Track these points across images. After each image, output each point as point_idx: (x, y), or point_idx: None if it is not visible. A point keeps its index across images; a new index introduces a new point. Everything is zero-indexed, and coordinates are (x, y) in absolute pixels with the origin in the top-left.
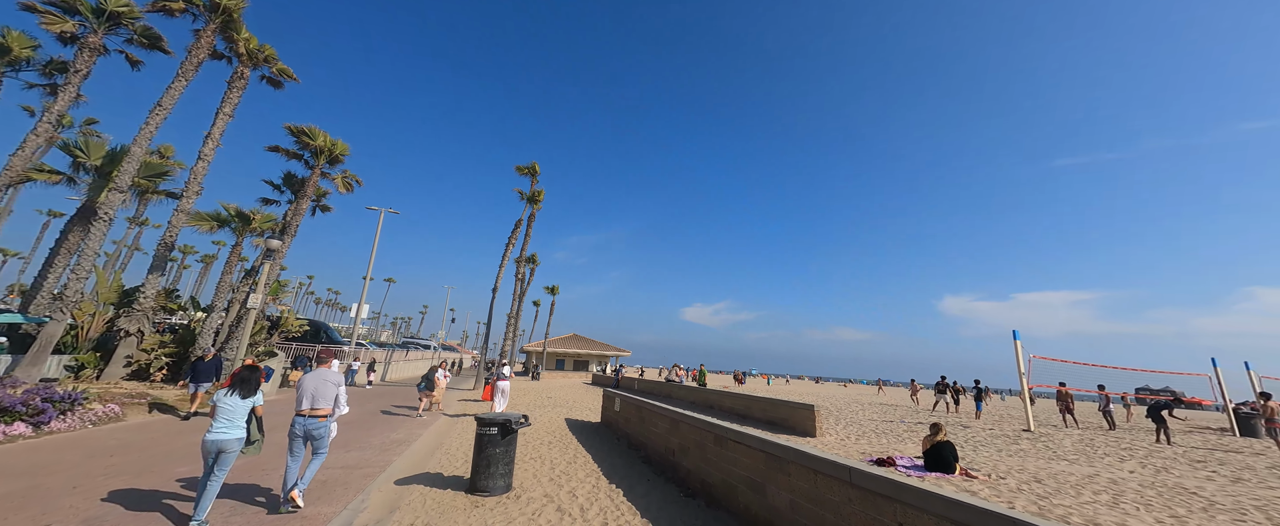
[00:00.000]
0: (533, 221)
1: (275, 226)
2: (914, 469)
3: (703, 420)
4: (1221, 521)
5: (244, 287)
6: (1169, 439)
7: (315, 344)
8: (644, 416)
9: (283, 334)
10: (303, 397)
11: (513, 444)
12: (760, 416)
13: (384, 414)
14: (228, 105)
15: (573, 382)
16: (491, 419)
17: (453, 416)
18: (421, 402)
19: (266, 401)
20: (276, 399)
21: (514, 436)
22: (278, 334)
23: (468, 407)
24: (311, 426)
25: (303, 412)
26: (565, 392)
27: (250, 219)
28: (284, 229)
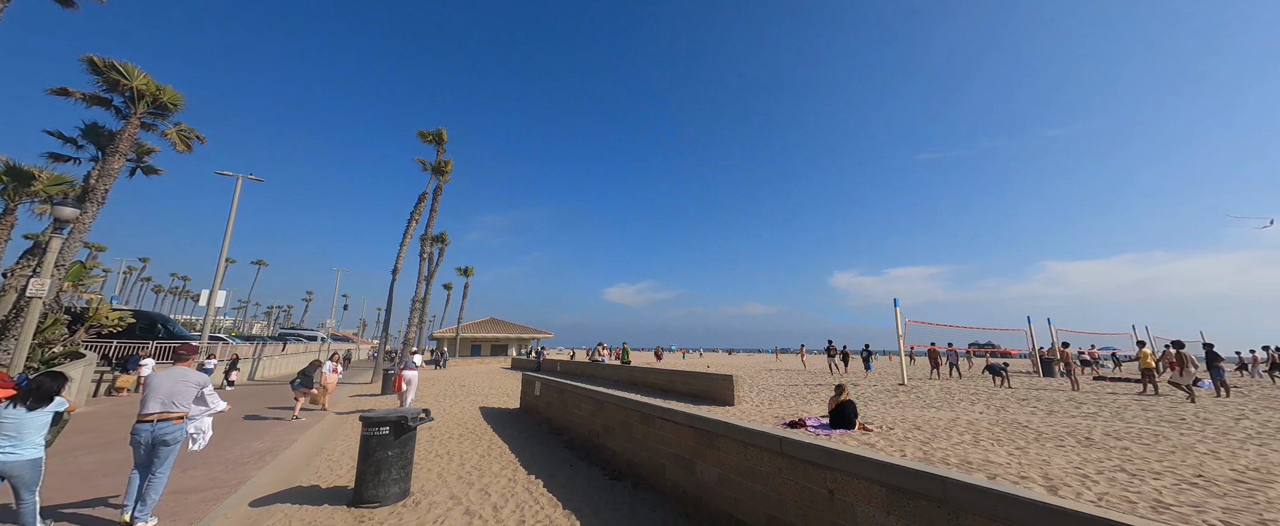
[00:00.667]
0: (440, 195)
1: (71, 190)
2: (821, 427)
3: (629, 399)
4: (1049, 446)
5: (24, 270)
6: (1008, 383)
7: (150, 340)
8: (566, 399)
9: (92, 329)
10: (150, 399)
11: (410, 443)
12: (683, 390)
13: (248, 419)
14: None
15: (489, 368)
16: (381, 416)
17: (343, 414)
18: (297, 402)
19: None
20: (88, 412)
21: (412, 434)
22: (84, 329)
23: (364, 404)
24: (163, 432)
25: (149, 416)
26: (480, 379)
27: (31, 178)
28: (85, 194)
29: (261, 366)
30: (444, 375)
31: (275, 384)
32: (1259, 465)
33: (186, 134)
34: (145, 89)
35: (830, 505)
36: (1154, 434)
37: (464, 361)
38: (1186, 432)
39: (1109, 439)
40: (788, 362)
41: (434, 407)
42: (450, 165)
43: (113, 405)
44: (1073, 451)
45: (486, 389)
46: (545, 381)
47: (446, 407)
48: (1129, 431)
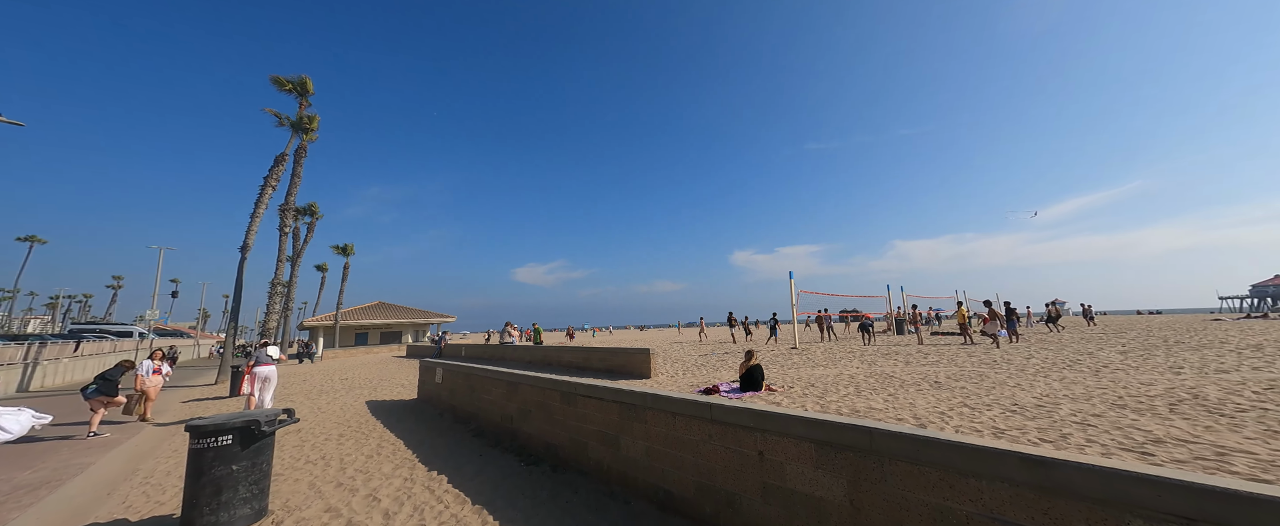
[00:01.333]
0: (304, 157)
1: None
2: (733, 391)
3: (547, 379)
4: (911, 391)
5: None
6: (873, 340)
7: None
8: (474, 384)
9: None
10: None
11: (265, 452)
12: (599, 366)
13: (21, 443)
14: None
15: (379, 358)
16: (219, 422)
17: (171, 425)
18: (94, 415)
19: None
20: None
21: (267, 441)
22: None
23: (203, 410)
24: None
25: None
26: (367, 371)
27: None
28: None
29: (41, 373)
30: (318, 369)
31: (64, 394)
32: (1048, 392)
33: None
34: None
35: (760, 466)
36: (979, 375)
37: (347, 352)
38: (999, 372)
39: (951, 381)
40: (687, 335)
41: (306, 407)
42: (317, 122)
43: None
44: (929, 394)
45: (375, 380)
46: (448, 367)
47: (323, 405)
48: (963, 374)
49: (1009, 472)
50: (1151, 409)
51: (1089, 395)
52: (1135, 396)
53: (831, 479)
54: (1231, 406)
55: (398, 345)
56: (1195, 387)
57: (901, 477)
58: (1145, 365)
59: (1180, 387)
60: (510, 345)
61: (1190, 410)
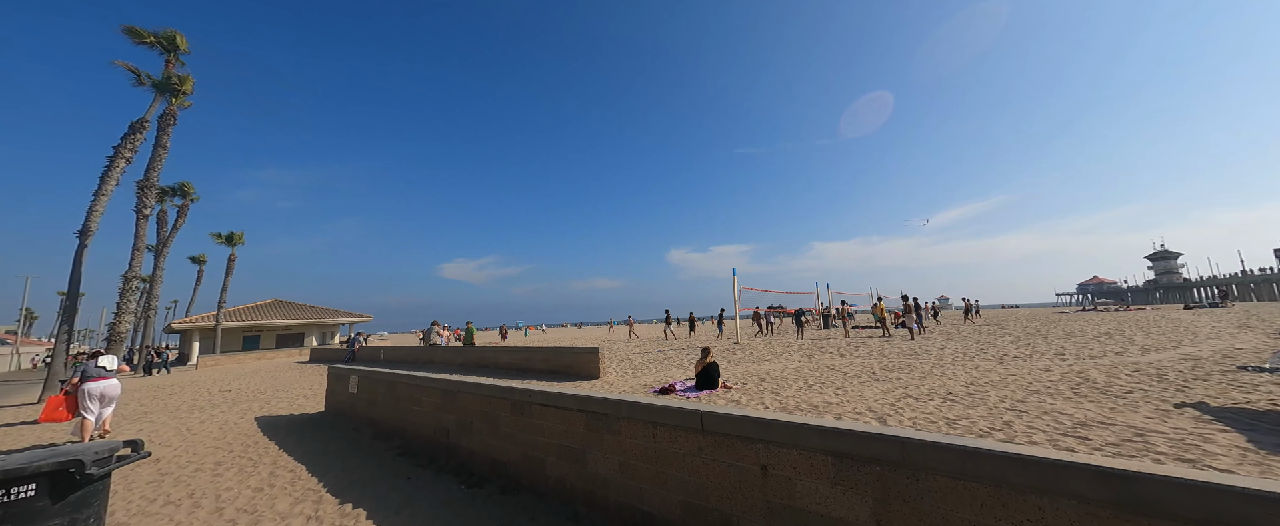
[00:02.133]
0: (171, 124)
1: None
2: (689, 390)
3: (494, 385)
4: (855, 383)
5: None
6: (803, 334)
7: None
8: (400, 394)
9: None
10: None
11: (93, 503)
12: (543, 367)
13: None
14: None
15: (274, 364)
16: (14, 466)
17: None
18: None
19: None
20: None
21: (99, 487)
22: None
23: (13, 439)
24: None
25: None
26: (257, 380)
27: None
28: None
29: None
30: (191, 380)
31: None
32: (971, 380)
33: None
34: None
35: (763, 482)
36: (907, 365)
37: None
38: (923, 362)
39: (887, 372)
40: (620, 333)
41: (170, 428)
42: (191, 84)
43: None
44: (872, 385)
45: (268, 392)
46: (366, 374)
47: (194, 425)
48: (894, 365)
49: (1080, 488)
50: (1060, 393)
51: (1006, 382)
52: (1042, 381)
53: (853, 497)
54: (1118, 388)
55: (299, 349)
56: (1082, 372)
57: (941, 495)
58: (1035, 353)
59: (1072, 372)
60: (438, 347)
61: (1089, 392)
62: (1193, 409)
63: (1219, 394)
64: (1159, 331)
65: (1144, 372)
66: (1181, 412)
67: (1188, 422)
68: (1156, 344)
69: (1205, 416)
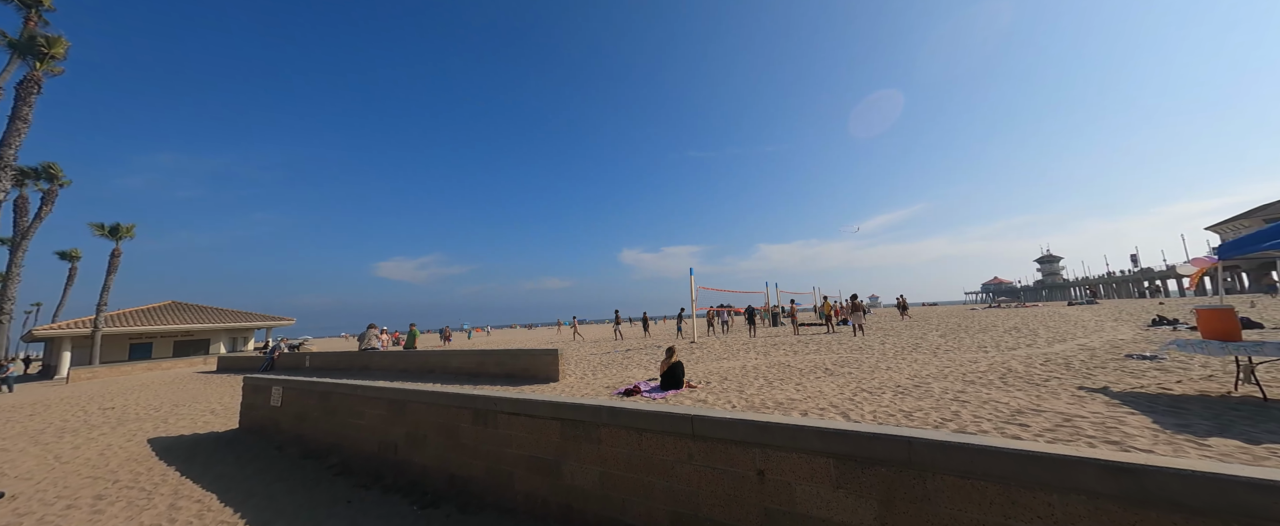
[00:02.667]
0: (34, 93)
1: None
2: (654, 390)
3: (454, 394)
4: (812, 379)
5: None
6: (755, 332)
7: None
8: (336, 406)
9: None
10: None
11: None
12: (497, 371)
13: None
14: None
15: (172, 375)
16: None
17: None
18: None
19: None
20: None
21: None
22: None
23: None
24: None
25: None
26: (150, 394)
27: None
28: None
29: None
30: (63, 396)
31: None
32: (914, 373)
33: None
34: None
35: (760, 488)
36: (855, 360)
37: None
38: (868, 356)
39: (838, 368)
40: (567, 334)
41: (32, 458)
42: (63, 48)
43: None
44: (829, 381)
45: (163, 407)
46: (292, 384)
47: (65, 452)
48: (843, 361)
49: (1089, 483)
50: (991, 383)
51: (944, 374)
52: (974, 373)
53: (857, 501)
54: (1037, 377)
55: (204, 357)
56: (1004, 363)
57: (950, 495)
58: (961, 346)
59: (997, 364)
60: (376, 352)
61: (1015, 382)
62: (1101, 394)
63: (1118, 380)
64: (1055, 325)
65: (1054, 363)
66: (1094, 398)
67: (1102, 406)
68: (1057, 336)
69: (1113, 400)
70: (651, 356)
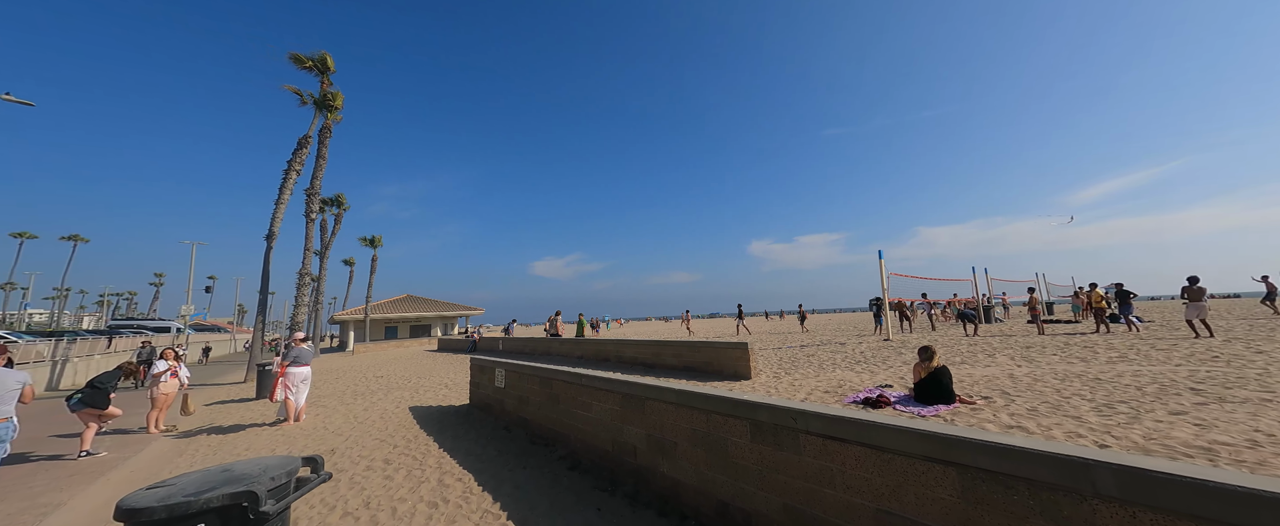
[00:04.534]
0: (328, 137)
1: None
2: (905, 401)
3: (711, 396)
4: (1174, 400)
5: None
6: (975, 330)
7: None
8: (558, 393)
9: None
10: None
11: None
12: (675, 363)
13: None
14: None
15: (410, 352)
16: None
17: (188, 436)
18: (87, 430)
19: None
20: None
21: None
22: None
23: (227, 415)
24: None
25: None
26: (401, 366)
27: None
28: None
29: (72, 370)
30: (351, 365)
31: None
32: None
33: None
34: None
35: None
36: (1189, 373)
37: (378, 346)
38: (1227, 368)
39: (1207, 385)
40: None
41: (340, 414)
42: (341, 100)
43: None
44: (1222, 409)
45: (413, 379)
46: (512, 367)
47: (359, 412)
48: (1208, 376)
49: None
50: None
51: None
52: None
53: None
54: None
55: (427, 338)
56: None
57: None
58: None
59: None
60: (557, 338)
61: None
62: None
63: None
64: None
65: None
66: None
67: None
68: None
69: None
70: (837, 354)
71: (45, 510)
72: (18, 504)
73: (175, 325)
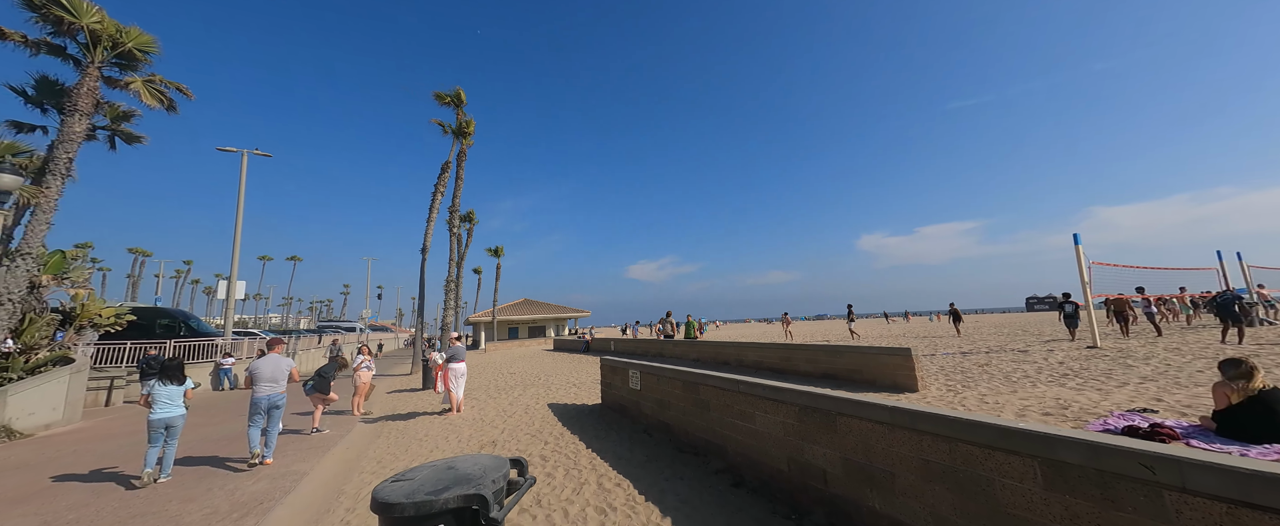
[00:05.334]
0: (464, 160)
1: (31, 161)
2: (1209, 438)
3: (971, 422)
4: None
5: None
6: (1242, 338)
7: (166, 339)
8: (707, 399)
9: (78, 327)
10: (261, 380)
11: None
12: (809, 370)
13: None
14: None
15: (530, 351)
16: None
17: (376, 421)
18: (316, 410)
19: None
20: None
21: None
22: (75, 328)
23: (401, 402)
24: (275, 400)
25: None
26: (526, 364)
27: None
28: (46, 167)
29: (299, 361)
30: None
31: None
32: None
33: (161, 88)
34: (102, 30)
35: None
36: None
37: (504, 345)
38: None
39: None
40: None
41: (490, 408)
42: (473, 126)
43: (108, 421)
44: None
45: (542, 376)
46: (649, 369)
47: (505, 407)
48: None
49: None
50: None
51: None
52: None
53: None
54: None
55: (543, 339)
56: None
57: None
58: None
59: None
60: (668, 340)
61: None
62: None
63: None
64: None
65: None
66: None
67: None
68: None
69: None
70: (1023, 364)
71: (297, 476)
72: (278, 468)
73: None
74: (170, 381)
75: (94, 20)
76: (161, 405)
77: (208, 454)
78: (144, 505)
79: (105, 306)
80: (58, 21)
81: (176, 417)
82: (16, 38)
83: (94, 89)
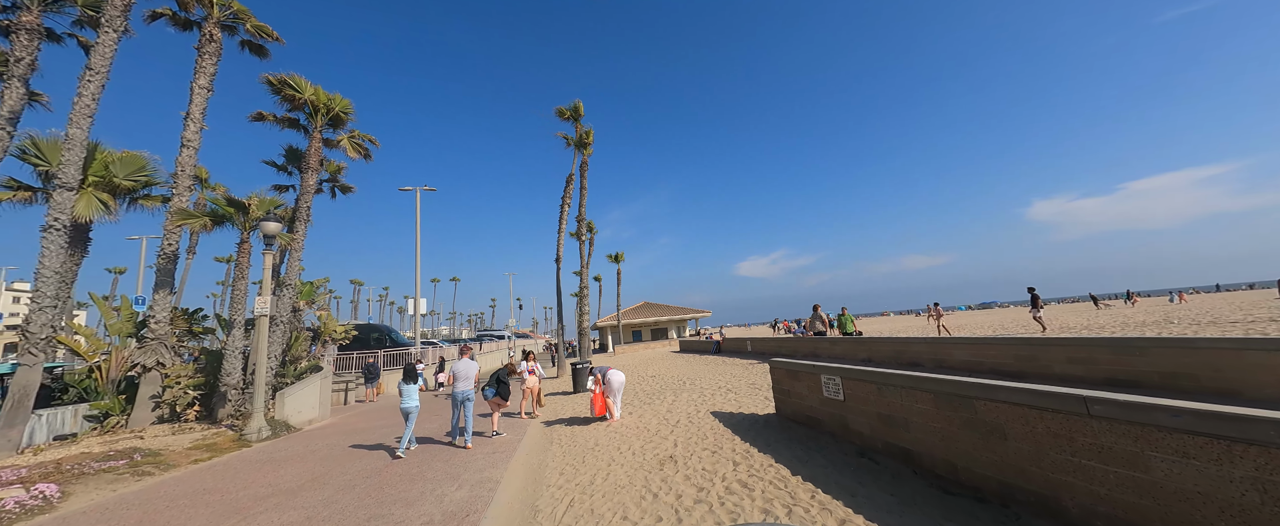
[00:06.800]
0: (586, 170)
1: (284, 213)
2: None
3: None
4: None
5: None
6: None
7: (377, 349)
8: (995, 422)
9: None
10: (459, 379)
11: None
12: (1080, 374)
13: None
14: (203, 76)
15: (656, 353)
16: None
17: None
18: (494, 414)
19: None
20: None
21: None
22: (321, 342)
23: (560, 406)
24: (466, 394)
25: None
26: (659, 366)
27: (247, 208)
28: (294, 215)
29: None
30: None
31: None
32: None
33: (360, 141)
34: (317, 101)
35: None
36: None
37: (630, 348)
38: None
39: None
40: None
41: (646, 412)
42: (592, 136)
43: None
44: None
45: (685, 379)
46: (857, 375)
47: (661, 412)
48: None
49: None
50: None
51: None
52: None
53: None
54: None
55: (666, 340)
56: None
57: None
58: None
59: None
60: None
61: None
62: None
63: None
64: None
65: None
66: None
67: None
68: None
69: None
70: None
71: (492, 485)
72: (474, 474)
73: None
74: (410, 381)
75: (311, 94)
76: (407, 398)
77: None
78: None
79: (339, 324)
80: (292, 99)
81: (414, 408)
82: (271, 118)
83: (319, 149)
